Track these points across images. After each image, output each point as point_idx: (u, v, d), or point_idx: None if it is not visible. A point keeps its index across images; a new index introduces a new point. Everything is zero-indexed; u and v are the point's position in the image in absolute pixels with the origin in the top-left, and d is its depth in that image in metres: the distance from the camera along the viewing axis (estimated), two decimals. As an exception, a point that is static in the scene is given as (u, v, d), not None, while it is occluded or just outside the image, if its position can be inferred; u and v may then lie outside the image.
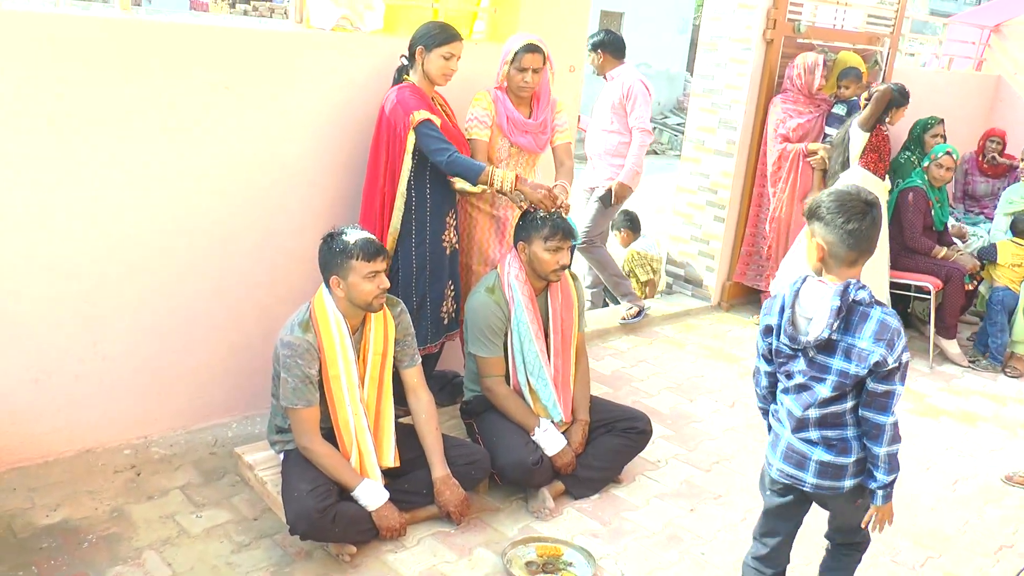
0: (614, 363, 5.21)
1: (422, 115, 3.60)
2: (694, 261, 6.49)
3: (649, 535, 3.46)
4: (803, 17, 6.18)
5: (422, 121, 3.60)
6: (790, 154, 5.86)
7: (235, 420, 3.99)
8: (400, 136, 3.64)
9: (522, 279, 3.63)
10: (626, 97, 5.39)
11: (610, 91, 5.50)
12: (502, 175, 3.66)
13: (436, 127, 3.63)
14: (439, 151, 3.60)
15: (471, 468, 3.42)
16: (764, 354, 2.61)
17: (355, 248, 3.10)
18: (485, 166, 3.67)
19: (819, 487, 2.53)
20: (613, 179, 5.50)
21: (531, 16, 4.41)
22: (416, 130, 3.61)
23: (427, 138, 3.61)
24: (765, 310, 2.56)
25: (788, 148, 5.86)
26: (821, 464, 2.50)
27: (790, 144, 5.87)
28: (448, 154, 3.59)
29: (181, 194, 3.58)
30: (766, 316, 2.55)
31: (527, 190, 3.68)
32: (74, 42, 3.18)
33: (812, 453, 2.50)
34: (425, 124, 3.61)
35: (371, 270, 3.11)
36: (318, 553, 3.14)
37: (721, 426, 4.49)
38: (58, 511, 3.23)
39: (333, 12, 3.85)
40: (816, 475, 2.51)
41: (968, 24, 9.21)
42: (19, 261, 3.27)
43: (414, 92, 3.68)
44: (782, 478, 2.60)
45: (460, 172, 3.65)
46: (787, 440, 2.56)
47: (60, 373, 3.46)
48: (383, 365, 3.32)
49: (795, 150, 5.85)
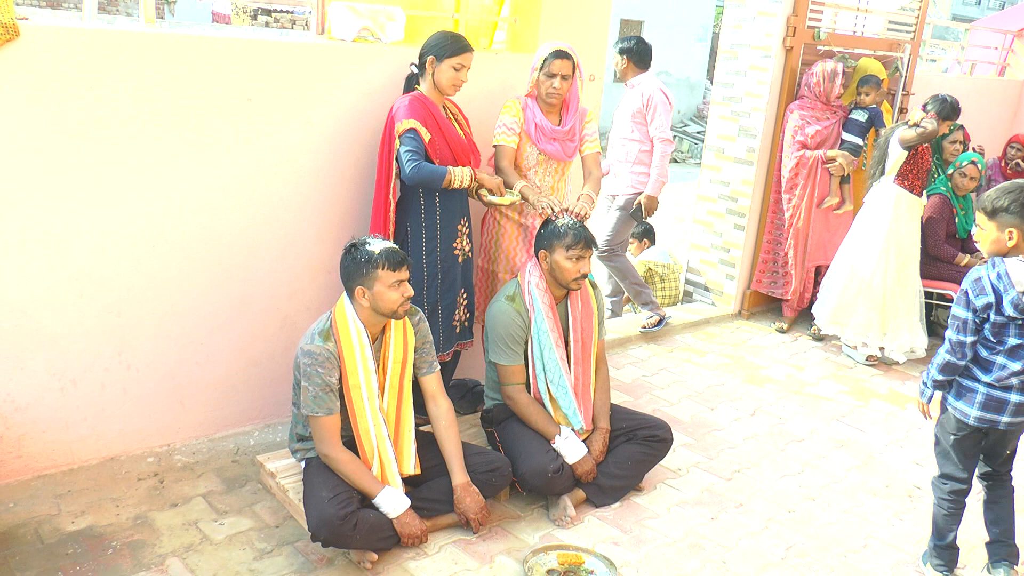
0: (634, 371, 5.21)
1: (408, 124, 3.63)
2: (714, 269, 6.47)
3: (670, 543, 3.45)
4: (823, 24, 6.16)
5: (406, 131, 3.63)
6: (808, 161, 5.84)
7: (257, 428, 4.02)
8: (392, 143, 3.69)
9: (543, 287, 3.63)
10: (646, 107, 5.38)
11: (630, 100, 5.50)
12: (461, 172, 3.69)
13: (419, 138, 3.64)
14: (408, 162, 3.61)
15: (492, 476, 3.43)
16: (974, 329, 3.06)
17: (380, 258, 3.12)
18: (447, 170, 3.68)
19: (1011, 424, 3.11)
20: (635, 187, 5.48)
21: (552, 26, 4.43)
22: (400, 138, 3.64)
23: (403, 148, 3.63)
24: (975, 291, 3.01)
25: (807, 155, 5.84)
26: (1016, 405, 3.07)
27: (808, 151, 5.84)
28: (413, 164, 3.60)
29: (204, 205, 3.62)
30: (980, 297, 3.00)
31: (484, 179, 3.76)
32: (100, 56, 3.23)
33: (1010, 398, 3.07)
34: (407, 134, 3.64)
35: (396, 279, 3.13)
36: (340, 560, 3.15)
37: (742, 434, 4.47)
38: (83, 518, 3.27)
39: (354, 23, 3.88)
40: (1011, 415, 3.09)
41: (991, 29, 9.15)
42: (45, 272, 3.32)
43: (420, 101, 3.70)
44: (979, 423, 3.13)
45: (425, 180, 3.65)
46: (985, 392, 3.10)
47: (85, 382, 3.51)
48: (403, 374, 3.34)
49: (813, 157, 5.82)
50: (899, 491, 4.05)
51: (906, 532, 3.71)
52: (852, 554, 3.51)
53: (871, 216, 5.46)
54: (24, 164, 3.18)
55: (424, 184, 3.69)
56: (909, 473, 4.23)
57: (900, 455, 4.42)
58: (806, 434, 4.56)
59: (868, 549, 3.55)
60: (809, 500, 3.89)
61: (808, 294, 6.16)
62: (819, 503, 3.87)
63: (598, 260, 5.70)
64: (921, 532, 3.70)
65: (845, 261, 5.57)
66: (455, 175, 3.67)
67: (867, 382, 5.36)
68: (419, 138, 3.64)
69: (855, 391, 5.20)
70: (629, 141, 5.53)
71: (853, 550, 3.53)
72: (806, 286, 6.12)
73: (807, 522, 3.70)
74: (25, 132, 3.15)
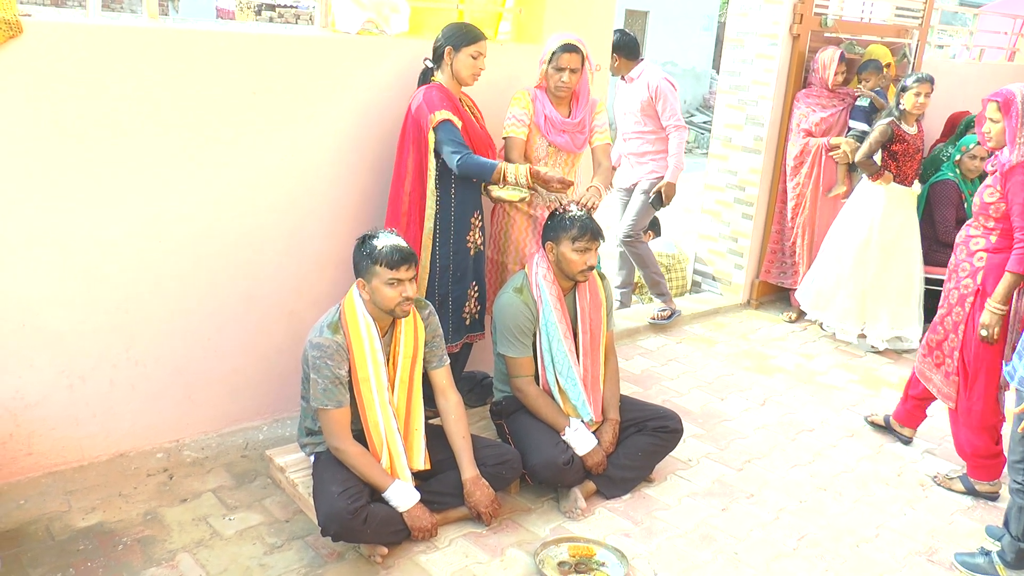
0: (644, 362, 5.19)
1: (443, 115, 3.61)
2: (723, 259, 6.45)
3: (682, 534, 3.44)
4: (830, 11, 6.11)
5: (442, 122, 3.61)
6: (812, 148, 5.80)
7: (266, 423, 4.02)
8: (425, 136, 3.65)
9: (550, 279, 3.62)
10: (655, 97, 5.35)
11: (635, 92, 5.46)
12: (515, 169, 3.64)
13: (456, 128, 3.63)
14: (453, 152, 3.59)
15: (502, 468, 3.42)
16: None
17: (379, 254, 3.11)
18: (498, 163, 3.65)
19: None
20: (656, 172, 5.47)
21: (556, 17, 4.41)
22: (435, 130, 3.62)
23: (443, 139, 3.61)
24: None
25: (811, 143, 5.80)
26: None
27: (812, 139, 5.80)
28: (460, 156, 3.58)
29: (211, 200, 3.61)
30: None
31: (543, 176, 3.67)
32: (104, 52, 3.22)
33: None
34: (444, 124, 3.61)
35: (392, 277, 3.11)
36: (350, 554, 3.15)
37: (752, 425, 4.46)
38: (94, 514, 3.27)
39: (358, 16, 3.86)
40: None
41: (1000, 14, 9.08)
42: (52, 269, 3.31)
43: (441, 92, 3.68)
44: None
45: (474, 171, 3.63)
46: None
47: (94, 379, 3.51)
48: (413, 368, 3.33)
49: (817, 144, 5.78)
50: (911, 480, 4.03)
51: (918, 521, 3.69)
52: (864, 544, 3.49)
53: (857, 206, 5.48)
54: (29, 161, 3.17)
55: (472, 175, 3.67)
56: (921, 463, 4.21)
57: (911, 444, 4.39)
58: (816, 424, 4.54)
59: (880, 539, 3.53)
60: (820, 490, 3.87)
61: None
62: (830, 493, 3.85)
63: (621, 246, 5.68)
64: (934, 521, 3.69)
65: (830, 248, 5.62)
66: (508, 170, 3.61)
67: (877, 371, 5.33)
68: (455, 127, 3.62)
69: (865, 380, 5.18)
70: (642, 134, 5.49)
71: (865, 539, 3.52)
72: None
73: (819, 512, 3.69)
74: (30, 129, 3.14)
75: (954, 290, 3.85)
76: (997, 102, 3.61)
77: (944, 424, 4.63)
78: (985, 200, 3.71)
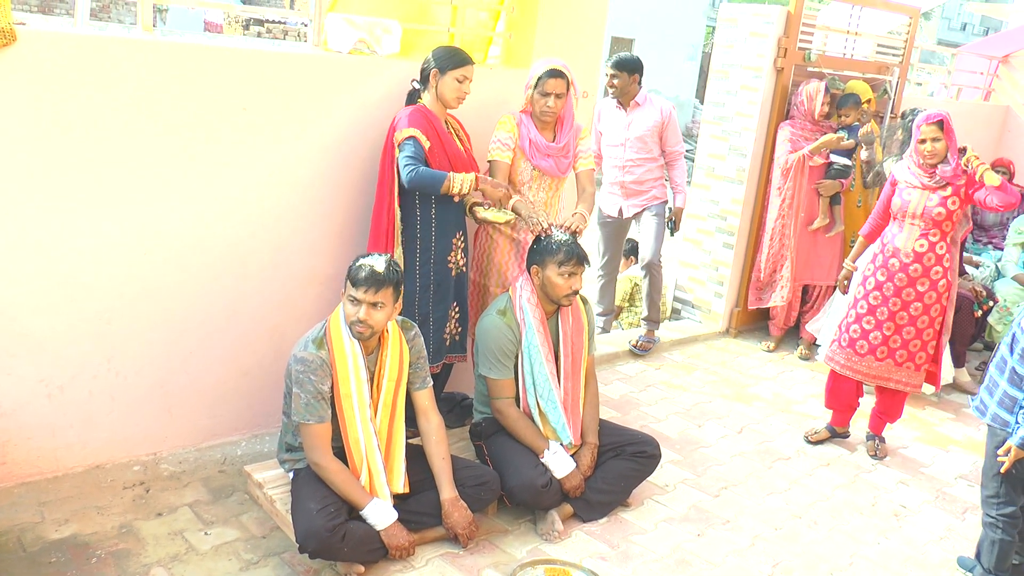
0: (623, 387, 5.22)
1: (408, 132, 3.63)
2: (703, 287, 6.50)
3: (657, 559, 3.45)
4: (813, 46, 6.22)
5: (406, 139, 3.63)
6: (791, 164, 5.81)
7: (244, 439, 4.00)
8: (393, 154, 3.69)
9: (534, 302, 3.64)
10: (668, 123, 5.46)
11: (645, 117, 5.48)
12: (461, 178, 3.67)
13: (420, 146, 3.64)
14: (405, 167, 3.60)
15: (480, 490, 3.43)
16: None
17: (352, 270, 3.15)
18: (447, 175, 3.66)
19: None
20: (658, 200, 5.59)
21: (546, 42, 4.46)
22: (399, 147, 3.65)
23: (402, 155, 3.63)
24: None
25: (790, 159, 5.81)
26: None
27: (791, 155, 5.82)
28: (411, 169, 3.59)
29: (198, 213, 3.61)
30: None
31: (488, 188, 3.73)
32: (97, 62, 3.23)
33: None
34: (408, 141, 3.63)
35: (352, 295, 3.13)
36: (326, 572, 3.14)
37: (729, 452, 4.49)
38: (67, 526, 3.24)
39: (351, 35, 3.90)
40: None
41: (977, 54, 9.26)
42: (36, 278, 3.30)
43: (421, 113, 3.72)
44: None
45: (426, 183, 3.62)
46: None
47: (73, 388, 3.48)
48: (396, 391, 3.34)
49: (797, 156, 5.77)
50: (885, 510, 4.07)
51: (891, 551, 3.72)
52: (838, 572, 3.52)
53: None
54: (17, 169, 3.17)
55: (423, 189, 3.68)
56: (895, 492, 4.25)
57: (886, 474, 4.44)
58: (793, 452, 4.57)
59: (854, 567, 3.56)
60: (796, 518, 3.90)
61: (795, 313, 6.19)
62: (805, 521, 3.88)
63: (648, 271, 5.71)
64: (907, 551, 3.73)
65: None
66: (455, 180, 3.64)
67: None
68: (419, 145, 3.64)
69: (841, 410, 5.23)
70: (645, 161, 5.56)
71: (839, 568, 3.55)
72: (792, 305, 6.14)
73: (793, 539, 3.72)
74: (19, 137, 3.14)
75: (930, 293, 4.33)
76: (939, 123, 4.18)
77: (918, 454, 4.69)
78: (949, 208, 4.22)
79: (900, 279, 4.34)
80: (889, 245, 4.39)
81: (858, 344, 4.50)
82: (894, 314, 4.38)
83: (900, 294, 4.35)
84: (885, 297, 4.39)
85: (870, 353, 4.46)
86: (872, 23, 7.03)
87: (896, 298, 4.36)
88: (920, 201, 4.26)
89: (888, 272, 4.37)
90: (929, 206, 4.23)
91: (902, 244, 4.33)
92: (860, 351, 4.49)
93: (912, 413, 5.28)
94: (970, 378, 5.82)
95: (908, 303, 4.35)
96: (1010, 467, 3.17)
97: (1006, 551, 3.28)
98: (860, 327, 4.48)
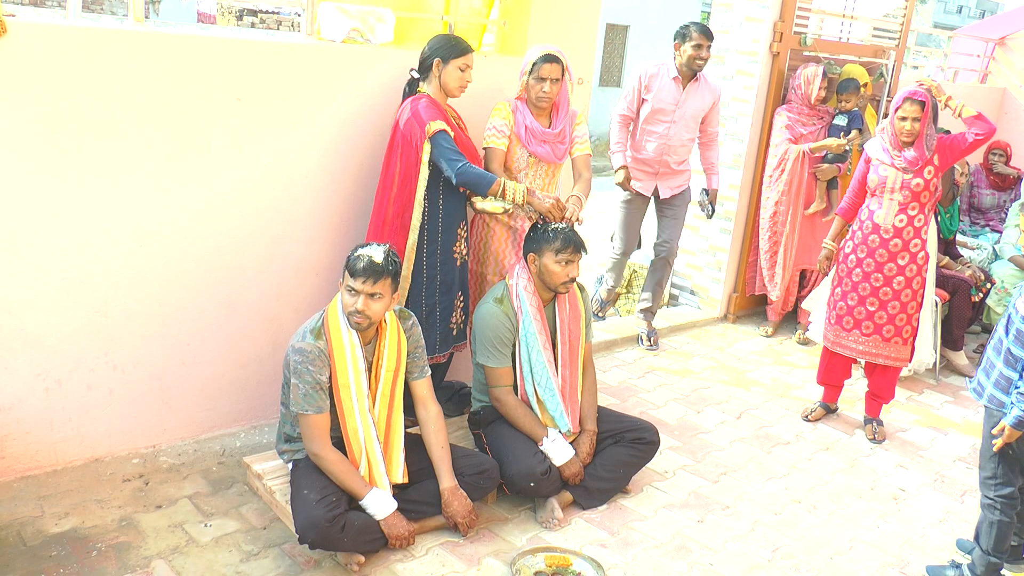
0: (621, 374, 5.22)
1: (438, 125, 3.62)
2: (700, 273, 6.50)
3: (657, 545, 3.46)
4: (809, 30, 6.20)
5: (438, 132, 3.62)
6: (790, 156, 5.82)
7: (243, 430, 4.00)
8: (416, 147, 3.66)
9: (531, 290, 3.64)
10: (717, 103, 5.39)
11: (703, 95, 5.33)
12: (514, 187, 3.68)
13: (451, 138, 3.65)
14: (451, 162, 3.61)
15: (480, 478, 3.43)
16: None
17: (351, 259, 3.14)
18: (497, 177, 3.68)
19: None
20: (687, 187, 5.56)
21: (540, 29, 4.44)
22: (431, 140, 3.63)
23: (441, 149, 3.63)
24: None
25: (790, 150, 5.82)
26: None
27: (792, 147, 5.83)
28: (459, 165, 3.61)
29: (194, 205, 3.60)
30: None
31: (536, 201, 3.71)
32: (89, 54, 3.21)
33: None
34: (441, 134, 3.63)
35: (350, 285, 3.12)
36: (327, 562, 3.14)
37: (728, 437, 4.49)
38: (67, 519, 3.24)
39: (344, 25, 3.87)
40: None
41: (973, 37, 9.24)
42: (32, 271, 3.29)
43: (430, 103, 3.70)
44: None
45: (471, 182, 3.65)
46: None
47: (71, 382, 3.48)
48: (395, 381, 3.33)
49: (797, 151, 5.79)
50: (884, 494, 4.08)
51: (891, 534, 3.73)
52: (838, 556, 3.53)
53: None
54: (10, 163, 3.15)
55: (468, 185, 3.68)
56: (894, 476, 4.26)
57: (885, 458, 4.45)
58: (792, 437, 4.58)
59: (853, 551, 3.57)
60: (795, 503, 3.91)
61: (792, 298, 6.19)
62: (805, 505, 3.89)
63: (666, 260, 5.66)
64: (906, 534, 3.74)
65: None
66: (507, 187, 3.65)
67: (853, 385, 5.39)
68: (451, 137, 3.65)
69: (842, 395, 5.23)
70: (690, 140, 5.43)
71: (839, 552, 3.56)
72: (790, 290, 6.14)
73: (793, 524, 3.72)
74: (11, 130, 3.12)
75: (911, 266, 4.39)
76: (921, 104, 4.19)
77: (917, 438, 4.70)
78: (926, 178, 4.28)
79: (880, 255, 4.40)
80: (868, 222, 4.43)
81: (844, 320, 4.58)
82: (876, 290, 4.45)
83: (882, 269, 4.41)
84: (866, 273, 4.45)
85: (856, 327, 4.53)
86: (868, 6, 6.99)
87: (878, 273, 4.43)
88: (897, 175, 4.32)
89: (868, 248, 4.43)
90: (907, 179, 4.31)
91: (881, 220, 4.38)
92: (846, 327, 4.57)
93: (911, 396, 5.30)
94: (968, 361, 5.83)
95: (890, 278, 4.41)
96: (1007, 448, 3.17)
97: (1004, 532, 3.29)
98: (845, 304, 4.57)
